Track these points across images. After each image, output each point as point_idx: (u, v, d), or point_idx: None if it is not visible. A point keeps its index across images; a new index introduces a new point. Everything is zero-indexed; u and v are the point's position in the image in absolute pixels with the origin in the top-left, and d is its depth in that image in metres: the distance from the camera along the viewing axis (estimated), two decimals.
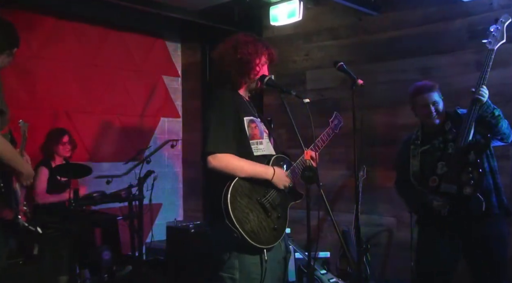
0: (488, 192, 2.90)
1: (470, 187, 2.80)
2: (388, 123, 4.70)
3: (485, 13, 4.19)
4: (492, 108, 2.90)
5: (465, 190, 2.81)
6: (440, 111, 3.05)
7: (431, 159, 3.00)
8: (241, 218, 2.22)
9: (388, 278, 4.69)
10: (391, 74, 4.72)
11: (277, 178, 2.38)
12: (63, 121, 5.18)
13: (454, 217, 2.89)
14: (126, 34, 5.81)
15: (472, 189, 2.80)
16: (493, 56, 2.92)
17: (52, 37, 5.17)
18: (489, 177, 2.94)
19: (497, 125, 2.90)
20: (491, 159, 2.98)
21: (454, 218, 2.89)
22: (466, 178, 2.82)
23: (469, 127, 2.86)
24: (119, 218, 4.73)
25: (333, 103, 5.00)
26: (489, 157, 2.97)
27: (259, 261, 2.28)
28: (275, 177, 2.37)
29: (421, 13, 4.56)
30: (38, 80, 5.05)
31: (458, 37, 4.33)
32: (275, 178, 2.37)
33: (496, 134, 2.93)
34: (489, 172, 2.95)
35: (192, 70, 6.27)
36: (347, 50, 5.00)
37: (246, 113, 2.41)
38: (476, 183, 2.79)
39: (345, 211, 4.77)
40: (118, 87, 5.73)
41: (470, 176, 2.80)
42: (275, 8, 4.98)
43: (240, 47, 2.42)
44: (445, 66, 4.36)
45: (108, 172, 5.21)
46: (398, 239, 4.64)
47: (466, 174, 2.82)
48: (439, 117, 3.05)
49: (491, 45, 2.93)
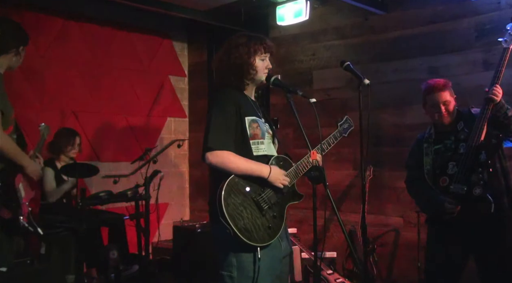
0: (500, 193, 2.86)
1: (480, 187, 2.78)
2: (395, 123, 4.68)
3: (493, 12, 4.16)
4: (506, 108, 2.87)
5: (475, 191, 2.80)
6: (451, 111, 3.02)
7: (443, 158, 2.98)
8: (234, 215, 2.25)
9: (395, 278, 4.68)
10: (398, 73, 4.70)
11: (274, 177, 2.37)
12: (70, 121, 5.20)
13: (464, 217, 2.85)
14: (133, 34, 5.83)
15: (481, 189, 2.78)
16: (508, 55, 2.90)
17: (60, 37, 5.19)
18: (501, 178, 2.90)
19: (510, 126, 2.86)
20: (503, 160, 2.94)
21: (464, 218, 2.86)
22: (476, 179, 2.80)
23: (481, 127, 2.83)
24: (126, 218, 4.75)
25: (340, 103, 5.00)
26: (501, 158, 2.94)
27: (253, 259, 2.29)
28: (271, 175, 2.37)
29: (429, 12, 4.54)
30: (46, 80, 5.07)
31: (466, 36, 4.30)
32: (271, 176, 2.37)
33: (509, 134, 2.90)
34: (501, 173, 2.91)
35: (199, 70, 6.28)
36: (354, 50, 4.99)
37: (249, 113, 2.43)
38: (486, 183, 2.77)
39: (351, 211, 4.76)
40: (125, 87, 5.74)
41: (480, 177, 2.79)
42: (281, 7, 4.98)
43: (232, 51, 2.44)
44: (452, 65, 4.34)
45: (115, 171, 5.23)
46: (405, 239, 4.62)
47: (476, 175, 2.81)
48: (449, 116, 3.02)
49: (506, 43, 2.91)
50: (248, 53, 2.43)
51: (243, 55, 2.43)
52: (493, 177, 2.84)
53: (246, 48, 2.44)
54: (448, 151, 2.98)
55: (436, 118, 3.05)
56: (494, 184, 2.85)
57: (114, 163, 5.53)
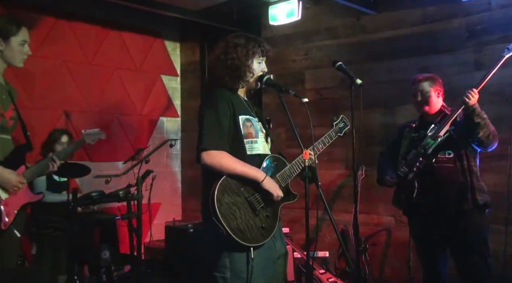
0: (464, 189, 3.09)
1: (412, 173, 3.11)
2: (387, 122, 4.70)
3: (483, 12, 4.20)
4: (476, 114, 3.00)
5: (409, 176, 3.12)
6: (428, 101, 3.22)
7: (411, 145, 3.22)
8: (227, 215, 2.23)
9: (387, 277, 4.70)
10: (390, 73, 4.72)
11: (268, 183, 2.34)
12: (62, 121, 5.17)
13: (431, 208, 3.14)
14: (125, 34, 5.81)
15: (413, 175, 3.10)
16: (501, 63, 3.03)
17: (51, 36, 5.17)
18: (466, 175, 3.10)
19: (474, 131, 3.03)
20: (472, 159, 3.13)
21: (432, 210, 3.14)
22: (414, 166, 3.11)
23: (443, 124, 3.09)
24: (118, 218, 4.72)
25: (332, 102, 5.00)
26: (468, 158, 3.13)
27: (246, 259, 2.28)
28: (266, 181, 2.33)
29: (420, 13, 4.56)
30: (37, 79, 5.04)
31: (457, 37, 4.33)
32: (265, 182, 2.33)
33: (472, 138, 3.08)
34: (467, 170, 3.11)
35: (191, 70, 6.27)
36: (346, 50, 5.00)
37: (242, 112, 2.41)
38: (411, 166, 3.11)
39: (343, 210, 4.78)
40: (117, 87, 5.72)
41: (417, 165, 3.10)
42: (274, 7, 4.98)
43: (230, 52, 2.41)
44: (444, 65, 4.36)
45: (107, 171, 5.20)
46: (397, 238, 4.64)
47: (417, 163, 3.11)
48: (426, 106, 3.24)
49: (507, 51, 3.05)
50: (246, 55, 2.41)
51: (241, 57, 2.40)
52: (458, 173, 3.09)
53: (245, 49, 2.42)
54: (419, 140, 3.19)
55: (415, 107, 3.30)
56: (460, 180, 3.09)
57: (106, 163, 5.50)
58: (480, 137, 3.03)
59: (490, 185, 3.38)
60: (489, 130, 3.02)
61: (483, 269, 3.09)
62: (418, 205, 3.18)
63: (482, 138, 3.03)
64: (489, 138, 3.04)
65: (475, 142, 3.10)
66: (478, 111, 3.00)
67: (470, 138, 3.10)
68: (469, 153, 3.13)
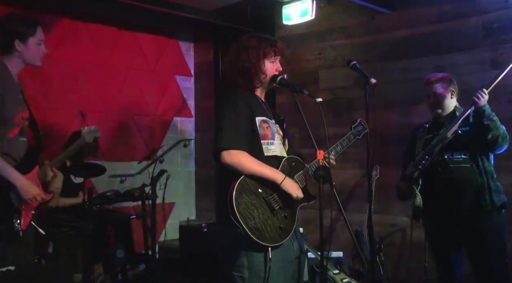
0: (483, 190, 3.06)
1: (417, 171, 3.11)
2: (402, 122, 4.66)
3: (500, 10, 4.14)
4: (485, 115, 2.96)
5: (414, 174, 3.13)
6: (440, 103, 3.19)
7: (425, 146, 3.20)
8: (245, 214, 2.24)
9: (402, 278, 4.66)
10: (405, 73, 4.68)
11: (288, 184, 2.35)
12: (78, 121, 5.21)
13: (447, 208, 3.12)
14: (139, 34, 5.85)
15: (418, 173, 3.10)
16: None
17: (67, 37, 5.21)
18: (483, 176, 3.08)
19: (483, 133, 3.00)
20: (486, 161, 3.11)
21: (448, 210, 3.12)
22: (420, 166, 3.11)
23: (452, 124, 3.06)
24: (133, 217, 4.76)
25: (346, 102, 4.98)
26: (484, 160, 3.10)
27: (264, 259, 2.28)
28: (285, 182, 2.34)
29: (436, 11, 4.51)
30: (53, 80, 5.09)
31: (474, 35, 4.28)
32: (285, 183, 2.34)
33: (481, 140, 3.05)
34: (483, 172, 3.08)
35: (205, 70, 6.28)
36: (360, 49, 4.97)
37: (259, 114, 2.42)
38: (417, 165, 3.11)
39: (358, 210, 4.75)
40: (132, 87, 5.76)
41: (424, 164, 3.09)
42: (287, 7, 4.97)
43: (242, 54, 2.43)
44: (460, 64, 4.31)
45: (121, 171, 5.24)
46: (412, 239, 4.58)
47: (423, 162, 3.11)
48: (439, 108, 3.22)
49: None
50: (257, 57, 2.42)
51: (252, 58, 2.41)
52: (475, 174, 3.07)
53: (256, 51, 2.42)
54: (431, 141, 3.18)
55: (428, 108, 3.30)
56: (477, 180, 3.07)
57: (121, 162, 5.54)
58: (488, 140, 2.99)
59: (506, 186, 3.34)
60: (498, 133, 2.98)
61: (501, 270, 3.05)
62: (434, 205, 3.15)
63: (490, 140, 2.99)
64: (498, 141, 2.99)
65: (483, 144, 3.06)
66: (488, 112, 2.96)
67: (479, 140, 3.06)
68: (483, 154, 3.10)
